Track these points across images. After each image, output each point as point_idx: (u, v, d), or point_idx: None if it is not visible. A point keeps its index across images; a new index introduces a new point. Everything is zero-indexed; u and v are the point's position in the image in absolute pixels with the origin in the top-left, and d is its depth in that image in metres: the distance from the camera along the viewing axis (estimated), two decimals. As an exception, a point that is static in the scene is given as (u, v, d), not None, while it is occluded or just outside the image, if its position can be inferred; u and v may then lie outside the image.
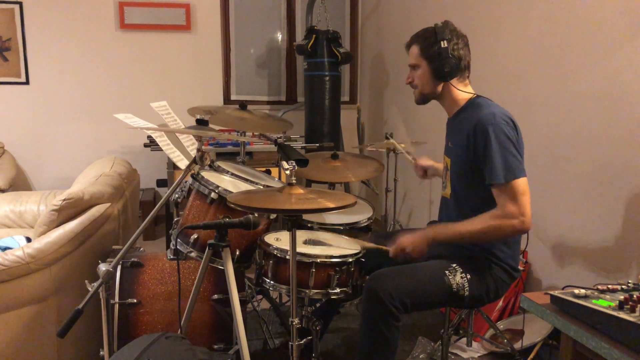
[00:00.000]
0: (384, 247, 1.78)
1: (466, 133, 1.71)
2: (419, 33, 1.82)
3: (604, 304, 1.18)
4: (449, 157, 1.85)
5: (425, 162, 2.22)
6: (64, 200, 2.01)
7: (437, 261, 1.75)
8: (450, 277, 1.69)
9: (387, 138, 3.25)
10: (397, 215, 3.65)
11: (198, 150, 1.71)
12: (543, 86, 2.47)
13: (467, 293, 1.70)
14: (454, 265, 1.72)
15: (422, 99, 1.87)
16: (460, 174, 1.79)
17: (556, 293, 1.30)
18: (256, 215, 1.58)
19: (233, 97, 4.77)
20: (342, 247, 1.87)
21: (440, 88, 1.81)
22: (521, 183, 1.62)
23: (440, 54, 1.73)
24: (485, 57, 2.90)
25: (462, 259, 1.75)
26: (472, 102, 1.79)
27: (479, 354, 2.40)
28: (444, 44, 1.72)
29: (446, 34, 1.74)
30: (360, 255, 1.82)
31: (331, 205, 1.50)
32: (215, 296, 1.96)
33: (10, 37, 4.23)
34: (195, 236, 1.83)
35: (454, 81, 1.78)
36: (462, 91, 1.81)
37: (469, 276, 1.71)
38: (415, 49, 1.81)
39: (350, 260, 1.78)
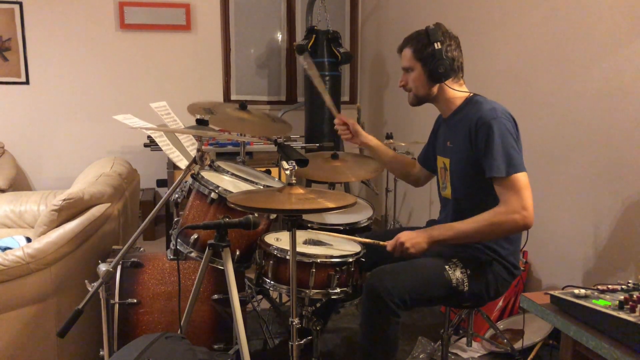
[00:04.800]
0: (381, 243, 1.76)
1: (467, 130, 1.71)
2: (411, 35, 1.82)
3: (604, 304, 1.18)
4: (448, 157, 1.85)
5: (356, 126, 2.06)
6: (64, 200, 2.01)
7: (438, 257, 1.75)
8: (450, 271, 1.70)
9: (387, 138, 3.25)
10: (397, 215, 3.65)
11: (198, 150, 1.71)
12: (543, 86, 2.47)
13: (466, 288, 1.70)
14: (455, 260, 1.72)
15: (417, 101, 1.87)
16: (461, 173, 1.78)
17: (556, 293, 1.30)
18: (256, 215, 1.58)
19: (233, 97, 4.77)
20: (342, 247, 1.87)
21: (435, 90, 1.81)
22: (522, 177, 1.61)
23: (434, 56, 1.73)
24: (485, 57, 2.90)
25: (463, 254, 1.75)
26: (470, 100, 1.79)
27: (479, 354, 2.40)
28: (437, 45, 1.73)
29: (439, 35, 1.74)
30: (361, 254, 1.83)
31: (331, 205, 1.50)
32: (215, 296, 1.96)
33: (10, 37, 4.23)
34: (195, 236, 1.83)
35: (448, 82, 1.78)
36: (458, 91, 1.81)
37: (469, 271, 1.71)
38: (408, 52, 1.81)
39: (350, 260, 1.78)
